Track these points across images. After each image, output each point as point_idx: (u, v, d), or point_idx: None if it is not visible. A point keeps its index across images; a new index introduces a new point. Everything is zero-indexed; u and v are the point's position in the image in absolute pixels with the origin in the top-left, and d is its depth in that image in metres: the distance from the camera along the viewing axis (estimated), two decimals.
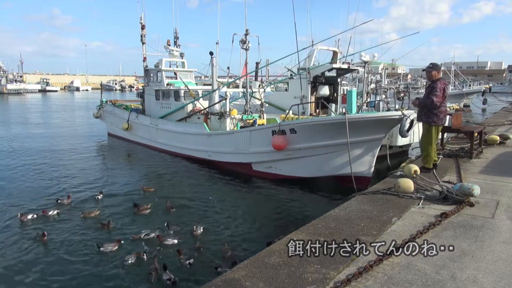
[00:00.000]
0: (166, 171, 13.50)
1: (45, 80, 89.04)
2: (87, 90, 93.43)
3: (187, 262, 6.40)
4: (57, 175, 12.70)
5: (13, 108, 45.20)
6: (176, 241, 7.30)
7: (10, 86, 75.20)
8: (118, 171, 13.67)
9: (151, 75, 18.16)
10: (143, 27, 18.32)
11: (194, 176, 12.88)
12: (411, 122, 9.76)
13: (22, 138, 20.55)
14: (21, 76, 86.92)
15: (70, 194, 9.96)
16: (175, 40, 18.99)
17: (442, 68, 32.97)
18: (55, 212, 8.80)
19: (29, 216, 8.45)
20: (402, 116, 9.71)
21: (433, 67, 7.36)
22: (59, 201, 9.55)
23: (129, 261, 6.47)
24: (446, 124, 8.08)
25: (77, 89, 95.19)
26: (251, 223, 8.52)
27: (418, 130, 12.34)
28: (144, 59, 18.64)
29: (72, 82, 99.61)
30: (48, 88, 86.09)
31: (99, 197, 9.95)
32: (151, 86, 17.96)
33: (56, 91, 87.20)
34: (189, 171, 13.58)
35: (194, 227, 7.76)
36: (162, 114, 16.75)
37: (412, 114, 9.95)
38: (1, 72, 78.42)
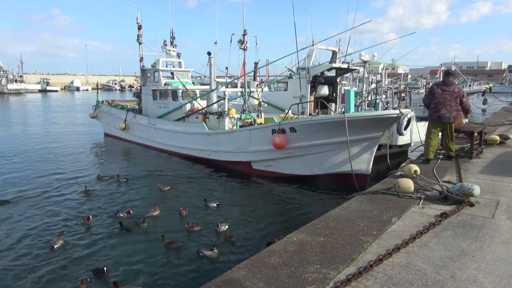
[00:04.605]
0: (165, 170, 13.49)
1: (45, 80, 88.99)
2: (87, 90, 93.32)
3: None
4: (54, 173, 12.73)
5: (13, 108, 45.29)
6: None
7: (10, 86, 75.33)
8: (116, 170, 13.64)
9: (148, 75, 18.16)
10: (139, 27, 18.31)
11: (193, 175, 12.87)
12: (409, 121, 9.85)
13: (16, 139, 20.47)
14: (21, 76, 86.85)
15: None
16: (171, 40, 18.97)
17: (442, 68, 32.99)
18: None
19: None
20: (400, 114, 9.81)
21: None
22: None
23: None
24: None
25: (77, 89, 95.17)
26: (251, 223, 8.52)
27: (417, 130, 12.38)
28: (141, 59, 18.63)
29: (72, 82, 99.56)
30: (48, 88, 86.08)
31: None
32: (148, 86, 17.95)
33: (56, 91, 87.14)
34: (188, 170, 13.58)
35: (218, 224, 8.07)
36: (160, 114, 16.76)
37: (410, 112, 10.02)
38: (2, 72, 78.46)
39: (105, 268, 6.15)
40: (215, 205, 9.44)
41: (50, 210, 9.22)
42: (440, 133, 8.64)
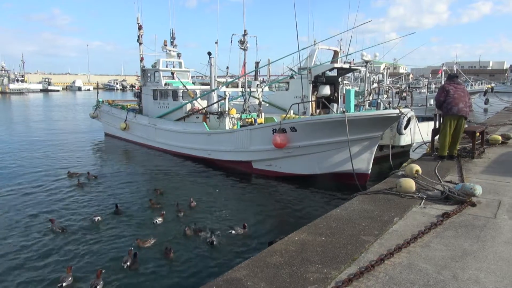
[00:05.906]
0: (165, 170, 13.48)
1: (47, 80, 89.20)
2: (89, 89, 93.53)
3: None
4: (49, 172, 12.76)
5: (15, 108, 45.45)
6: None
7: (12, 86, 75.77)
8: (116, 171, 13.64)
9: (149, 75, 18.19)
10: (140, 28, 18.33)
11: (193, 175, 12.86)
12: (408, 120, 9.85)
13: (16, 139, 20.41)
14: (22, 76, 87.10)
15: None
16: (171, 40, 19.00)
17: (444, 68, 32.98)
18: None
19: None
20: (400, 114, 9.81)
21: None
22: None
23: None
24: None
25: (79, 88, 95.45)
26: (252, 222, 8.49)
27: (419, 130, 12.36)
28: (142, 59, 18.65)
29: (74, 82, 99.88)
30: (50, 87, 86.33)
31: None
32: (148, 86, 17.97)
33: (58, 90, 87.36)
34: (189, 169, 13.58)
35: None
36: (160, 114, 16.78)
37: (409, 112, 10.02)
38: (3, 72, 78.72)
39: (136, 253, 6.46)
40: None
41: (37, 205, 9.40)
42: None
